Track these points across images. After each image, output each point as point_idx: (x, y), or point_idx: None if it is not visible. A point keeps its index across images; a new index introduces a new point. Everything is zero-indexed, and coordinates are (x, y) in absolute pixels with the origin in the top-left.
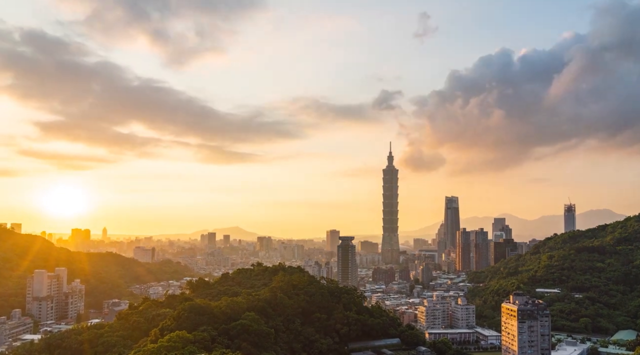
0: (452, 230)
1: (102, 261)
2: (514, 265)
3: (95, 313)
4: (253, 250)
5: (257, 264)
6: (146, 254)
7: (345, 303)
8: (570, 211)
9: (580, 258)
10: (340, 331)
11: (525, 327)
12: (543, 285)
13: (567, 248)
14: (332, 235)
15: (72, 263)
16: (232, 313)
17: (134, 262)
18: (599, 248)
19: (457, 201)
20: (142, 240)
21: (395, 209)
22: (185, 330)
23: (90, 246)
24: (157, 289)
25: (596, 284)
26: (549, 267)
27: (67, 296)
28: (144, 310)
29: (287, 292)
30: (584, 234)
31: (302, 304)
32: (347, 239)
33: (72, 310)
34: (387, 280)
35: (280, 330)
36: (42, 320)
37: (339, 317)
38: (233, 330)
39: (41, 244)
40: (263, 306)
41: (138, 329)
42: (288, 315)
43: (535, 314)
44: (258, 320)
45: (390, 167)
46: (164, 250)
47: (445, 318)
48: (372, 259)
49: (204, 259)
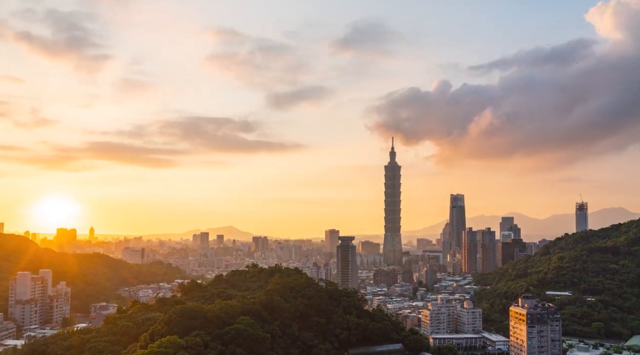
0: (458, 230)
1: (89, 262)
2: (523, 266)
3: (81, 317)
4: (248, 251)
5: (253, 265)
6: (135, 255)
7: (345, 306)
8: (582, 210)
9: (592, 259)
10: (340, 336)
11: (535, 332)
12: (553, 287)
13: (579, 248)
14: (331, 235)
15: (57, 264)
16: (226, 317)
17: (122, 263)
18: (612, 248)
19: (462, 199)
20: (131, 240)
21: (397, 208)
22: (176, 335)
23: (77, 247)
24: (147, 291)
25: (609, 286)
26: (560, 268)
27: (52, 299)
28: (133, 314)
29: (284, 295)
30: (597, 234)
31: (300, 308)
32: (347, 239)
33: (57, 314)
34: (389, 282)
35: (276, 335)
36: (25, 324)
37: (339, 322)
38: (227, 335)
39: (25, 244)
40: (258, 310)
41: (127, 334)
42: (285, 319)
43: (545, 318)
44: (253, 325)
45: (392, 164)
46: (154, 251)
47: (450, 322)
48: (374, 260)
49: (197, 260)
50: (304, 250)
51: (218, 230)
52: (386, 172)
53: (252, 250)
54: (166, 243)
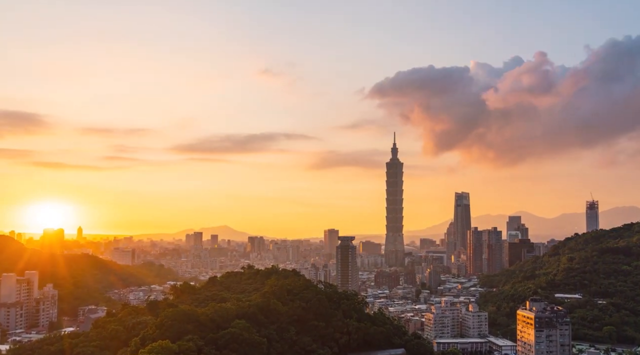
0: (463, 230)
1: (77, 264)
2: (531, 268)
3: (69, 321)
4: (243, 252)
5: (248, 266)
6: (126, 256)
7: (345, 310)
8: (593, 208)
9: (604, 260)
10: (340, 340)
11: (544, 337)
12: (563, 290)
13: (589, 249)
14: (330, 234)
15: (43, 266)
16: (221, 321)
17: (112, 264)
18: (624, 249)
19: (468, 197)
20: (121, 240)
21: (399, 206)
22: (168, 340)
23: (64, 247)
24: (137, 294)
25: (622, 288)
26: (570, 270)
27: (39, 302)
28: (123, 318)
29: (281, 298)
30: (608, 234)
31: (298, 311)
32: (347, 239)
33: (43, 317)
34: (391, 284)
35: (273, 339)
36: (10, 328)
37: (338, 325)
38: (221, 339)
39: (9, 244)
40: (254, 313)
41: (117, 338)
42: (282, 323)
43: (554, 321)
44: (249, 329)
45: (394, 160)
46: (145, 252)
47: (454, 326)
48: (375, 261)
49: (190, 261)
50: (302, 251)
51: (212, 230)
52: (388, 169)
53: (247, 251)
54: (158, 243)
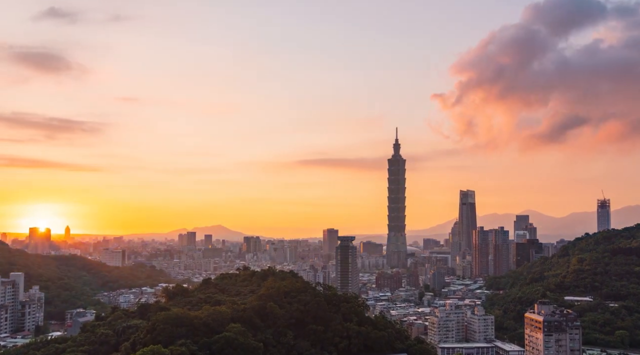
0: (468, 230)
1: (64, 265)
2: (539, 269)
3: (56, 325)
4: (239, 252)
5: (244, 268)
6: (116, 257)
7: (345, 313)
8: (604, 207)
9: (615, 261)
10: (339, 345)
11: (553, 341)
12: (572, 292)
13: (600, 250)
14: (329, 234)
15: (29, 267)
16: (215, 324)
17: (101, 265)
18: (637, 250)
19: (473, 196)
20: (110, 240)
21: (402, 205)
22: (160, 345)
23: (51, 248)
24: (128, 296)
25: (634, 291)
26: (580, 271)
27: (24, 305)
28: (113, 322)
29: (278, 301)
30: (620, 234)
31: (295, 314)
32: (347, 239)
33: (29, 321)
34: (393, 286)
35: (270, 344)
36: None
37: (338, 329)
38: (216, 344)
39: None
40: (250, 317)
41: (106, 343)
42: (279, 327)
43: (564, 325)
44: (244, 333)
45: (396, 157)
46: (136, 252)
47: (459, 330)
48: (376, 262)
49: (182, 262)
50: (299, 252)
51: (206, 230)
52: (390, 166)
53: (243, 252)
54: (149, 243)
